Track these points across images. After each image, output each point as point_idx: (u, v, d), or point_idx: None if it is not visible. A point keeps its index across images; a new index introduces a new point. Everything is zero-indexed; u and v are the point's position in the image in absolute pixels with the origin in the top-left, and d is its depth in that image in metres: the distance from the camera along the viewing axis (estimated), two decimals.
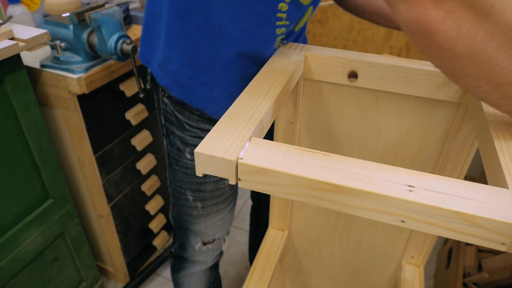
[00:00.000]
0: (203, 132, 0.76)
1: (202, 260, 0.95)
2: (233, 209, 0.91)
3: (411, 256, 0.83)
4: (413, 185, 0.37)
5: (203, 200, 0.83)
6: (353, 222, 0.84)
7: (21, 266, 1.00)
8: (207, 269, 0.99)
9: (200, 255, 0.94)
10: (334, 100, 0.69)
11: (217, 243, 0.92)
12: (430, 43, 0.36)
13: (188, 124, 0.75)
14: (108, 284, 1.46)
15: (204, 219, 0.86)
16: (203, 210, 0.84)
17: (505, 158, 0.40)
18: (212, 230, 0.89)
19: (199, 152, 0.41)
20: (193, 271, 0.97)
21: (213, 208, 0.85)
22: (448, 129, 0.65)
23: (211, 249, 0.93)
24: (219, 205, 0.85)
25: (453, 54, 0.36)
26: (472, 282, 1.19)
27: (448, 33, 0.35)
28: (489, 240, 0.35)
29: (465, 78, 0.39)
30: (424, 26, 0.35)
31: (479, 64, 0.36)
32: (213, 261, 0.97)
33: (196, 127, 0.75)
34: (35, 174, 0.98)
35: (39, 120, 0.94)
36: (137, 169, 1.28)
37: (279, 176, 0.39)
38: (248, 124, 0.45)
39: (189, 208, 0.85)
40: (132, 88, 1.13)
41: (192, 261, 0.96)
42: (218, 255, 0.97)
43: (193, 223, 0.87)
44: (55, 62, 0.97)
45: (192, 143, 0.77)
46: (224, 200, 0.85)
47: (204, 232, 0.89)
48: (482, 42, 0.35)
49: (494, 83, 0.38)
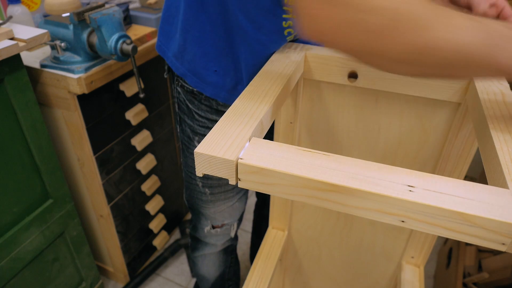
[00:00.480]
0: (211, 122, 0.79)
1: (213, 243, 1.00)
2: (244, 198, 0.93)
3: (411, 256, 0.83)
4: (413, 185, 0.37)
5: (211, 187, 0.86)
6: (353, 222, 0.84)
7: (21, 266, 1.00)
8: (220, 252, 1.03)
9: (210, 237, 0.98)
10: (334, 100, 0.69)
11: (225, 228, 0.96)
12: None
13: (197, 113, 0.79)
14: (108, 284, 1.46)
15: (213, 204, 0.89)
16: (212, 196, 0.88)
17: (505, 158, 0.40)
18: (221, 216, 0.92)
19: (199, 152, 0.41)
20: (206, 252, 1.03)
21: (221, 195, 0.87)
22: (448, 129, 0.65)
23: (219, 233, 0.96)
24: (227, 193, 0.88)
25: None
26: (472, 282, 1.19)
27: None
28: (489, 240, 0.35)
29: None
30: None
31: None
32: (223, 245, 1.01)
33: (205, 117, 0.78)
34: (35, 174, 0.98)
35: (39, 120, 0.94)
36: (137, 169, 1.28)
37: (279, 176, 0.39)
38: (248, 124, 0.45)
39: (199, 193, 0.89)
40: (132, 88, 1.13)
41: (204, 243, 1.00)
42: (229, 240, 1.01)
43: (203, 207, 0.91)
44: (55, 62, 0.97)
45: (200, 132, 0.81)
46: (233, 189, 0.88)
47: (213, 216, 0.92)
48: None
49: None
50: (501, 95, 0.52)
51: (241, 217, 0.98)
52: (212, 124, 0.79)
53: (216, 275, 1.08)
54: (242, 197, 0.92)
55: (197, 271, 1.10)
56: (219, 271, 1.08)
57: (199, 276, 1.11)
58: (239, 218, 0.97)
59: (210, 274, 1.08)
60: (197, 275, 1.12)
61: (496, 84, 0.55)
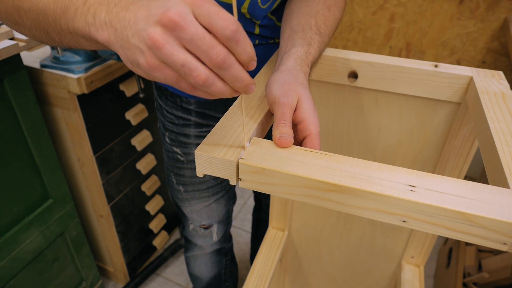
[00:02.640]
0: (177, 119, 0.80)
1: (200, 244, 0.99)
2: (222, 201, 0.92)
3: (411, 256, 0.83)
4: (414, 185, 0.37)
5: (185, 185, 0.87)
6: (353, 222, 0.84)
7: (21, 266, 1.00)
8: (212, 254, 1.03)
9: (197, 238, 0.98)
10: (334, 100, 0.69)
11: (208, 230, 0.95)
12: None
13: (165, 109, 0.81)
14: (108, 284, 1.46)
15: (189, 203, 0.90)
16: (186, 194, 0.88)
17: (506, 157, 0.40)
18: (198, 216, 0.92)
19: (199, 153, 0.41)
20: (196, 253, 1.02)
21: (195, 194, 0.88)
22: (448, 129, 0.65)
23: (201, 234, 0.96)
24: (201, 192, 0.88)
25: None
26: (472, 282, 1.19)
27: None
28: (490, 240, 0.35)
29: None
30: None
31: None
32: (211, 247, 1.00)
33: (171, 113, 0.80)
34: (35, 174, 0.98)
35: (39, 120, 0.94)
36: (137, 169, 1.28)
37: (280, 176, 0.39)
38: (248, 124, 0.45)
39: (175, 191, 0.90)
40: (132, 88, 1.13)
41: (192, 243, 1.01)
42: (217, 243, 1.00)
43: (181, 205, 0.92)
44: (55, 62, 0.97)
45: (169, 128, 0.82)
46: (208, 189, 0.87)
47: (190, 216, 0.93)
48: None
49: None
50: (501, 95, 0.52)
51: (224, 220, 0.97)
52: (178, 120, 0.80)
53: (210, 276, 1.08)
54: (220, 199, 0.91)
55: (190, 271, 1.10)
56: (213, 272, 1.07)
57: (192, 276, 1.11)
58: (220, 221, 0.96)
59: (203, 274, 1.08)
60: (190, 275, 1.12)
61: (496, 84, 0.55)
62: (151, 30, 0.32)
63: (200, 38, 0.32)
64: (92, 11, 0.38)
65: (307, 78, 0.49)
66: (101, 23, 0.37)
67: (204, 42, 0.32)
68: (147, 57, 0.34)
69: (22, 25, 0.45)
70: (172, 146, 0.84)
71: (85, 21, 0.38)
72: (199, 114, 0.79)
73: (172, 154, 0.85)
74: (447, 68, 0.59)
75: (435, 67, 0.59)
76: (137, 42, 0.34)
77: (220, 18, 0.32)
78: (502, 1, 1.44)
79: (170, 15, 0.31)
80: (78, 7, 0.39)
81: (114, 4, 0.37)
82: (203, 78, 0.33)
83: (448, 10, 1.53)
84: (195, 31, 0.32)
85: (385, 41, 1.72)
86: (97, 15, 0.37)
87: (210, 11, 0.32)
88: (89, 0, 0.38)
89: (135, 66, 0.36)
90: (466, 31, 1.55)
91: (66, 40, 0.43)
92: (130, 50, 0.35)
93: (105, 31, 0.37)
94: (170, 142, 0.84)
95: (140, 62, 0.34)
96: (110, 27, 0.36)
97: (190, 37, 0.32)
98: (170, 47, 0.32)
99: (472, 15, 1.51)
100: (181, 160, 0.84)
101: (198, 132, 0.81)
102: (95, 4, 0.38)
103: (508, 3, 1.44)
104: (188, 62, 0.33)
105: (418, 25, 1.61)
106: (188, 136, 0.81)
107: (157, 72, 0.34)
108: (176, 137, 0.83)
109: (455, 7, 1.52)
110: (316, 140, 0.44)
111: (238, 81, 0.34)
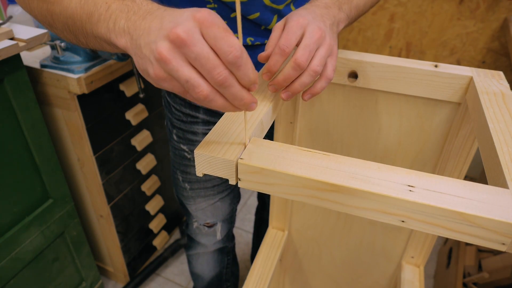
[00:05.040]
0: (186, 116, 0.80)
1: (203, 243, 1.00)
2: (227, 199, 0.93)
3: (411, 256, 0.83)
4: (413, 185, 0.37)
5: (190, 182, 0.87)
6: (353, 222, 0.84)
7: (21, 266, 1.00)
8: (214, 253, 1.03)
9: (200, 236, 0.98)
10: (334, 100, 0.69)
11: (212, 229, 0.96)
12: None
13: (173, 107, 0.81)
14: (108, 284, 1.46)
15: (194, 201, 0.90)
16: (192, 192, 0.88)
17: (505, 158, 0.40)
18: (202, 214, 0.92)
19: (199, 153, 0.41)
20: (199, 251, 1.03)
21: (201, 192, 0.88)
22: (448, 129, 0.65)
23: (205, 232, 0.97)
24: (207, 190, 0.88)
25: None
26: (472, 282, 1.19)
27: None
28: (489, 240, 0.35)
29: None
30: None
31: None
32: (214, 245, 1.01)
33: (180, 110, 0.80)
34: (35, 174, 0.98)
35: (39, 120, 0.94)
36: (137, 169, 1.28)
37: (279, 176, 0.39)
38: (248, 124, 0.45)
39: (181, 188, 0.90)
40: (132, 88, 1.13)
41: (196, 241, 1.01)
42: (220, 242, 1.00)
43: (186, 203, 0.92)
44: (55, 62, 0.97)
45: (177, 125, 0.82)
46: (213, 187, 0.88)
47: (195, 214, 0.93)
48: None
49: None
50: (501, 95, 0.52)
51: (228, 219, 0.97)
52: (186, 118, 0.80)
53: (212, 275, 1.08)
54: (225, 198, 0.92)
55: (191, 269, 1.11)
56: (215, 271, 1.08)
57: (193, 274, 1.12)
58: (224, 219, 0.96)
59: (205, 273, 1.08)
60: (191, 273, 1.12)
61: (496, 84, 0.55)
62: (160, 44, 0.34)
63: (204, 57, 0.34)
64: (114, 17, 0.40)
65: (331, 14, 0.53)
66: (120, 30, 0.39)
67: (207, 62, 0.34)
68: (155, 69, 0.36)
69: (55, 27, 0.49)
70: (179, 144, 0.84)
71: (106, 27, 0.41)
72: (208, 112, 0.79)
73: (179, 152, 0.85)
74: (447, 68, 0.59)
75: (435, 67, 0.59)
76: (147, 53, 0.36)
77: (226, 43, 0.33)
78: (502, 1, 1.44)
79: (178, 32, 0.33)
80: (101, 13, 0.41)
81: (134, 12, 0.39)
82: (205, 94, 0.35)
83: (448, 10, 1.53)
84: (200, 50, 0.34)
85: (385, 41, 1.72)
86: (117, 22, 0.40)
87: (217, 35, 0.33)
88: (111, 7, 0.41)
89: (145, 75, 0.38)
90: (466, 31, 1.55)
91: (92, 43, 0.46)
92: (142, 59, 0.37)
93: (123, 38, 0.39)
94: (178, 139, 0.84)
95: (150, 72, 0.36)
96: (127, 34, 0.39)
97: (195, 56, 0.34)
98: (176, 63, 0.34)
99: (472, 15, 1.51)
100: (188, 157, 0.85)
101: (206, 129, 0.81)
102: (116, 11, 0.40)
103: (508, 3, 1.44)
104: (192, 78, 0.35)
105: (418, 25, 1.61)
106: (195, 134, 0.82)
107: (164, 83, 0.37)
108: (183, 135, 0.83)
109: (455, 7, 1.52)
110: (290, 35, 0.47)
111: (238, 99, 0.37)
